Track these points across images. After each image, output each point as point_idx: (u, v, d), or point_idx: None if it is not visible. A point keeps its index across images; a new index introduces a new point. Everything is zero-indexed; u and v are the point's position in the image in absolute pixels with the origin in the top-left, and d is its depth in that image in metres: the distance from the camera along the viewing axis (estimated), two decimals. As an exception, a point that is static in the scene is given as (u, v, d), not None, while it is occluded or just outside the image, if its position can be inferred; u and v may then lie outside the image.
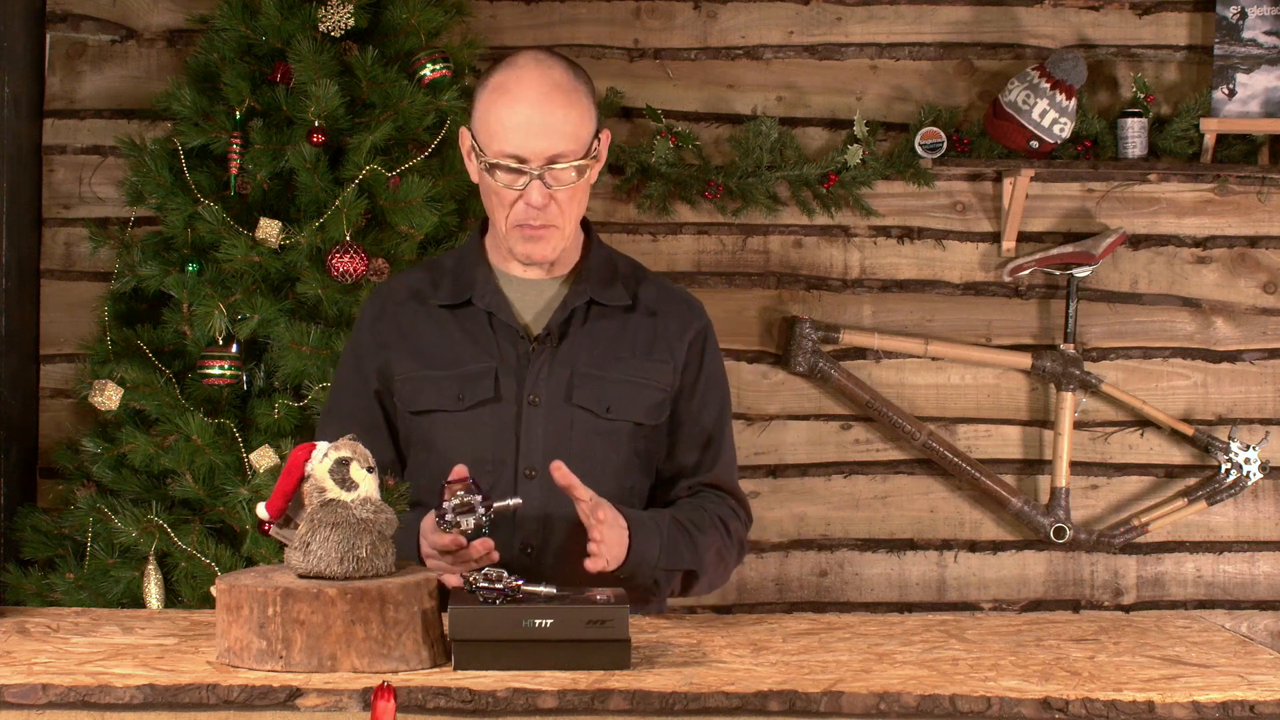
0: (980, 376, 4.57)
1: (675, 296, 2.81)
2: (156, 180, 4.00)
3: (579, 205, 2.67)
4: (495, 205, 2.67)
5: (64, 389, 4.34)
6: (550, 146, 2.59)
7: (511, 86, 2.61)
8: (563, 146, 2.60)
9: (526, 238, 2.65)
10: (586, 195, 2.69)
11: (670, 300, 2.79)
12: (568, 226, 2.67)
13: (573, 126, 2.60)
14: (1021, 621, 2.58)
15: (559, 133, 2.59)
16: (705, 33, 4.54)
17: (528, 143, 2.59)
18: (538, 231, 2.64)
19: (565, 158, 2.60)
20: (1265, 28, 4.43)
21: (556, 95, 2.60)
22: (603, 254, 2.78)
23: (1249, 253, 4.59)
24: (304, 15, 4.00)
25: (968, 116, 4.52)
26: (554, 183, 2.61)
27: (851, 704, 2.05)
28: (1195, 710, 2.02)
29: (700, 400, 2.77)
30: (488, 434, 2.68)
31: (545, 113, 2.59)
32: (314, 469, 2.28)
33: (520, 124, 2.59)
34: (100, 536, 3.92)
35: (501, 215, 2.66)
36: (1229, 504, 4.57)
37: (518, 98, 2.60)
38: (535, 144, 2.59)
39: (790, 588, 4.55)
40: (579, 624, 2.16)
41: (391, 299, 2.80)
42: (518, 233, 2.65)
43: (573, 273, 2.76)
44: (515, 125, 2.59)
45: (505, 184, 2.62)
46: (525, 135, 2.59)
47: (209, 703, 2.06)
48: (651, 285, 2.80)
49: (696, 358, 2.77)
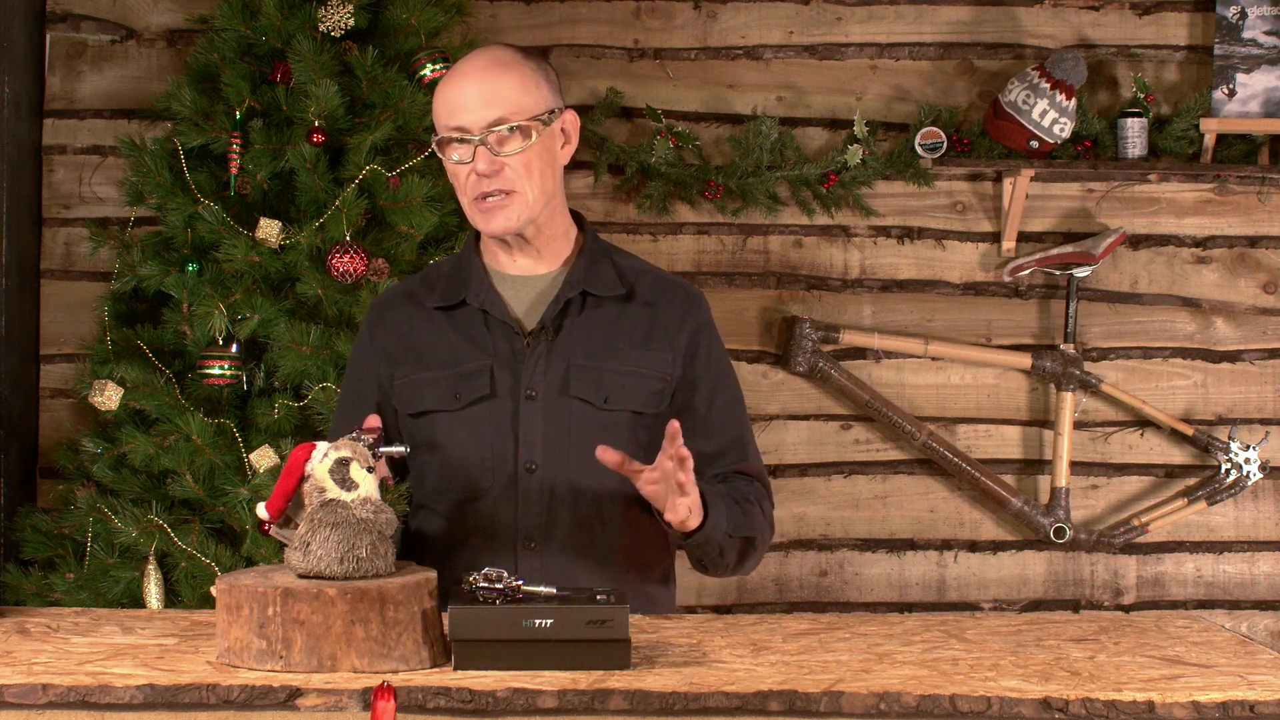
0: (980, 376, 4.57)
1: (673, 286, 2.81)
2: (156, 180, 4.00)
3: (539, 174, 2.68)
4: (458, 190, 2.71)
5: (64, 389, 4.34)
6: (490, 113, 2.64)
7: (455, 69, 2.72)
8: (501, 111, 2.64)
9: (484, 210, 2.68)
10: (550, 166, 2.70)
11: (668, 290, 2.79)
12: (529, 193, 2.67)
13: (512, 92, 2.65)
14: (1021, 621, 2.58)
15: (498, 98, 2.65)
16: (705, 33, 4.54)
17: (469, 113, 2.65)
18: (496, 203, 2.67)
19: (506, 120, 2.64)
20: (1265, 28, 4.43)
21: (495, 67, 2.67)
22: (596, 246, 2.79)
23: (1249, 253, 4.59)
24: (304, 15, 4.00)
25: (968, 116, 4.52)
26: (498, 147, 2.65)
27: (851, 704, 2.05)
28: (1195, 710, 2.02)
29: (711, 388, 2.77)
30: (486, 430, 2.69)
31: (483, 81, 2.66)
32: (314, 469, 2.28)
33: (460, 96, 2.66)
34: (100, 536, 3.92)
35: (463, 195, 2.70)
36: (1229, 504, 4.57)
37: (460, 74, 2.69)
38: (475, 112, 2.65)
39: (790, 588, 4.55)
40: (579, 624, 2.16)
41: (388, 307, 2.82)
42: (476, 207, 2.69)
43: (566, 267, 2.76)
44: (456, 98, 2.66)
45: (457, 158, 2.67)
46: (465, 105, 2.65)
47: (209, 703, 2.06)
48: (648, 276, 2.80)
49: (700, 348, 2.77)
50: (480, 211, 2.68)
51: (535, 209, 2.69)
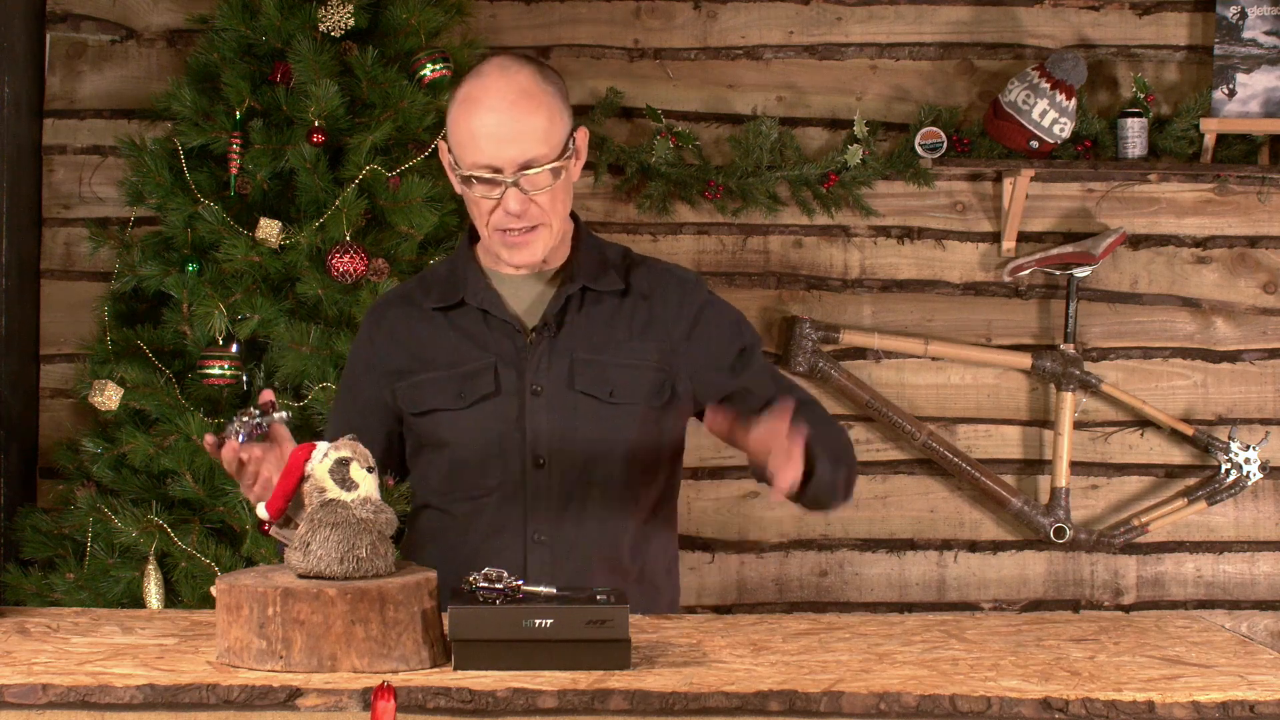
0: (980, 376, 4.57)
1: (669, 276, 2.81)
2: (156, 180, 4.00)
3: (562, 203, 2.67)
4: (476, 215, 2.67)
5: (64, 389, 4.34)
6: (522, 153, 2.58)
7: (478, 96, 2.60)
8: (534, 152, 2.59)
9: (510, 245, 2.66)
10: (569, 192, 2.69)
11: (663, 280, 2.79)
12: (554, 224, 2.67)
13: (542, 131, 2.59)
14: (1021, 621, 2.58)
15: (529, 138, 2.58)
16: (705, 33, 4.54)
17: (499, 152, 2.58)
18: (521, 238, 2.65)
19: (538, 162, 2.59)
20: (1265, 28, 4.43)
21: (523, 101, 2.59)
22: (592, 244, 2.79)
23: (1249, 253, 4.59)
24: (304, 15, 4.00)
25: (968, 116, 4.52)
26: (530, 188, 2.61)
27: (851, 704, 2.05)
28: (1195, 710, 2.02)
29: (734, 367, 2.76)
30: (493, 428, 2.69)
31: (513, 119, 2.58)
32: (314, 469, 2.28)
33: (489, 134, 2.58)
34: (100, 536, 3.92)
35: (483, 224, 2.66)
36: (1229, 504, 4.57)
37: (486, 107, 2.59)
38: (506, 152, 2.58)
39: (790, 588, 4.54)
40: (579, 624, 2.16)
41: (386, 310, 2.82)
42: (500, 238, 2.66)
43: (564, 265, 2.76)
44: (485, 135, 2.58)
45: (482, 194, 2.62)
46: (496, 145, 2.58)
47: (209, 703, 2.06)
48: (644, 269, 2.80)
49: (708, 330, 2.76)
50: (505, 246, 2.66)
51: (557, 237, 2.70)
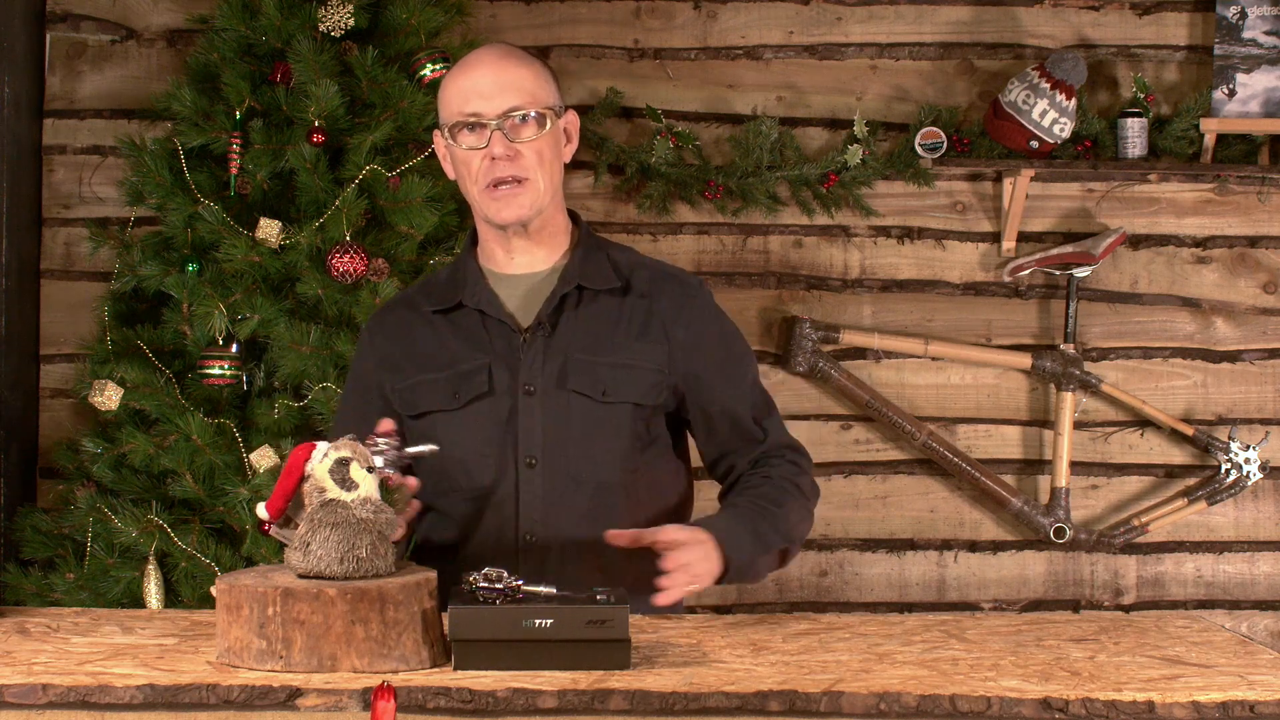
0: (980, 376, 4.57)
1: (670, 278, 2.81)
2: (156, 180, 4.00)
3: (550, 166, 2.71)
4: (465, 177, 2.71)
5: (64, 389, 4.34)
6: (506, 100, 2.67)
7: (466, 61, 2.74)
8: (517, 99, 2.67)
9: (497, 198, 2.69)
10: (558, 158, 2.74)
11: (664, 282, 2.79)
12: (541, 182, 2.69)
13: (527, 83, 2.69)
14: (1021, 621, 2.58)
15: (514, 88, 2.68)
16: (705, 33, 4.54)
17: (484, 99, 2.67)
18: (509, 191, 2.68)
19: (521, 109, 2.67)
20: (1265, 28, 4.43)
21: (509, 58, 2.71)
22: (591, 242, 2.80)
23: (1249, 253, 4.59)
24: (304, 15, 4.00)
25: (968, 116, 4.52)
26: (513, 134, 2.66)
27: (851, 704, 2.05)
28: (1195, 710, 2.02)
29: (724, 377, 2.77)
30: (486, 427, 2.70)
31: (498, 70, 2.69)
32: (314, 469, 2.28)
33: (475, 85, 2.69)
34: (100, 536, 3.92)
35: (472, 184, 2.70)
36: (1229, 504, 4.57)
37: (472, 66, 2.71)
38: (491, 99, 2.67)
39: (790, 588, 4.55)
40: (579, 624, 2.16)
41: (387, 314, 2.85)
42: (489, 195, 2.69)
43: (561, 263, 2.76)
44: (471, 87, 2.69)
45: (469, 145, 2.68)
46: (480, 93, 2.68)
47: (209, 703, 2.06)
48: (644, 269, 2.81)
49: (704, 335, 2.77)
50: (493, 200, 2.69)
51: (545, 199, 2.71)
